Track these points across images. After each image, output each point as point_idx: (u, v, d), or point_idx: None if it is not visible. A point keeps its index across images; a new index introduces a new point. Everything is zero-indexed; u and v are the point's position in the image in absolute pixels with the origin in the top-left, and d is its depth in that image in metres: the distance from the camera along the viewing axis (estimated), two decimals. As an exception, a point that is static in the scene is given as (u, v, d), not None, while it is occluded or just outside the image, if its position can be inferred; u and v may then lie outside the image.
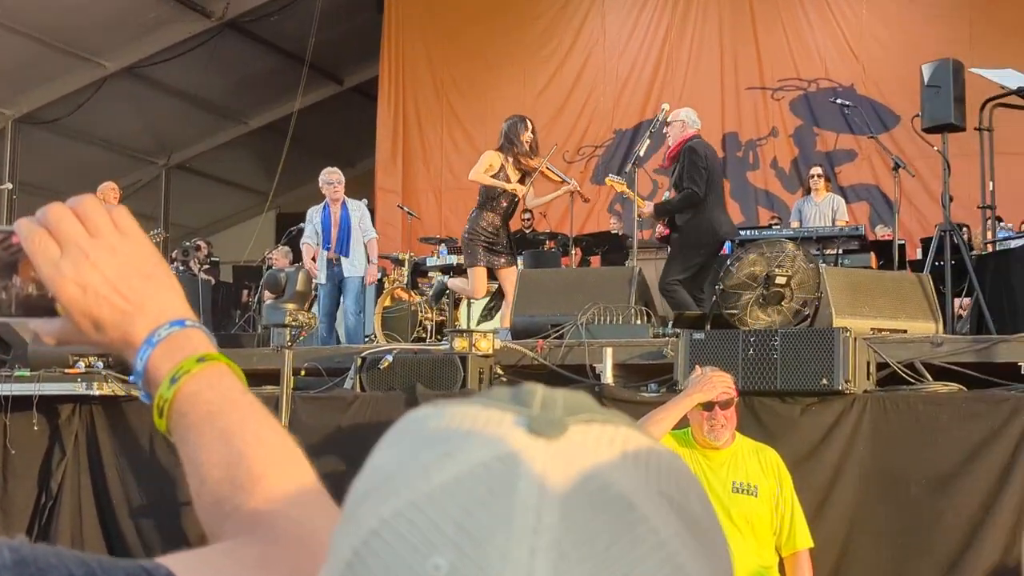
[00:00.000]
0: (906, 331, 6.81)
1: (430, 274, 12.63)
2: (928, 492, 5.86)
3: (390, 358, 7.17)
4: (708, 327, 7.14)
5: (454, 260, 11.82)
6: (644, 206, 9.36)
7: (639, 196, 9.32)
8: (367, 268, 11.17)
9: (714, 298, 7.35)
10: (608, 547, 0.54)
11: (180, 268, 13.95)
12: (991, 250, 8.82)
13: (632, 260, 9.78)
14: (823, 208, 12.46)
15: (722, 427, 4.64)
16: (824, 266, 7.47)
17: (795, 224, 12.39)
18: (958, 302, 8.56)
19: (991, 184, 8.52)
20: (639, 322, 7.55)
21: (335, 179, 10.83)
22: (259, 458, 1.01)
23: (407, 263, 12.18)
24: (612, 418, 0.62)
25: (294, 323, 6.14)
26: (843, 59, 16.47)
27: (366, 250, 11.03)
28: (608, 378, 6.71)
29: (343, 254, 10.66)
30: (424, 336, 10.82)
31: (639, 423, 0.63)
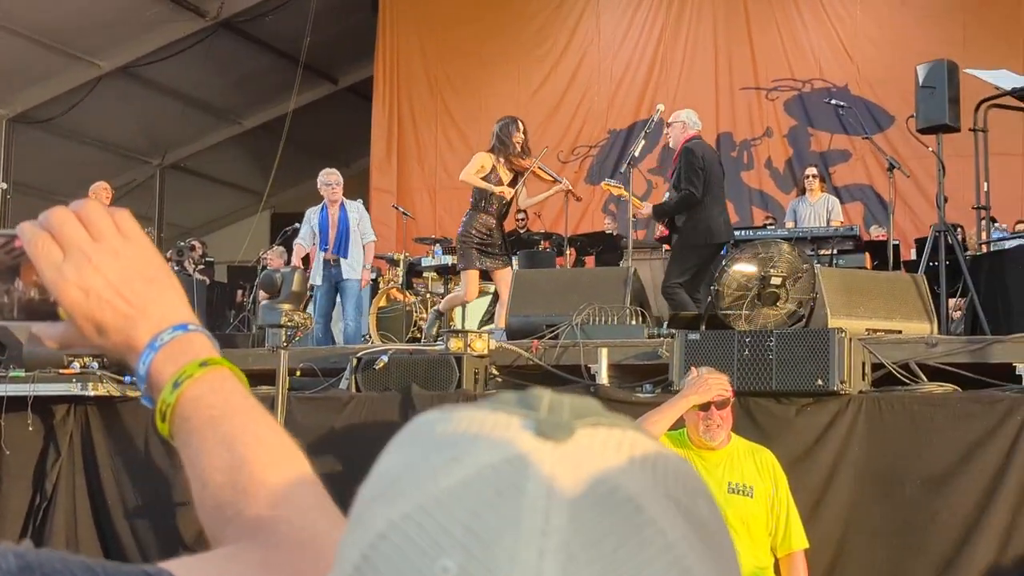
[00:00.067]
0: (901, 332, 6.82)
1: (425, 274, 12.62)
2: (923, 492, 5.86)
3: (385, 358, 7.17)
4: (703, 328, 7.15)
5: (449, 260, 11.79)
6: (642, 208, 9.38)
7: (635, 197, 9.33)
8: (364, 271, 11.18)
9: (709, 299, 7.36)
10: (616, 549, 0.55)
11: (175, 268, 13.93)
12: (985, 251, 8.84)
13: (627, 260, 9.78)
14: (818, 208, 12.47)
15: (718, 427, 4.65)
16: (819, 266, 7.47)
17: (790, 224, 12.38)
18: (952, 303, 8.57)
19: (985, 185, 8.53)
20: (634, 323, 7.56)
21: (333, 180, 10.81)
22: (261, 463, 1.01)
23: (402, 263, 12.18)
24: (619, 421, 0.62)
25: (290, 323, 6.12)
26: (837, 59, 16.50)
27: (365, 251, 11.01)
28: (603, 379, 6.71)
29: (342, 255, 10.63)
30: (419, 336, 10.82)
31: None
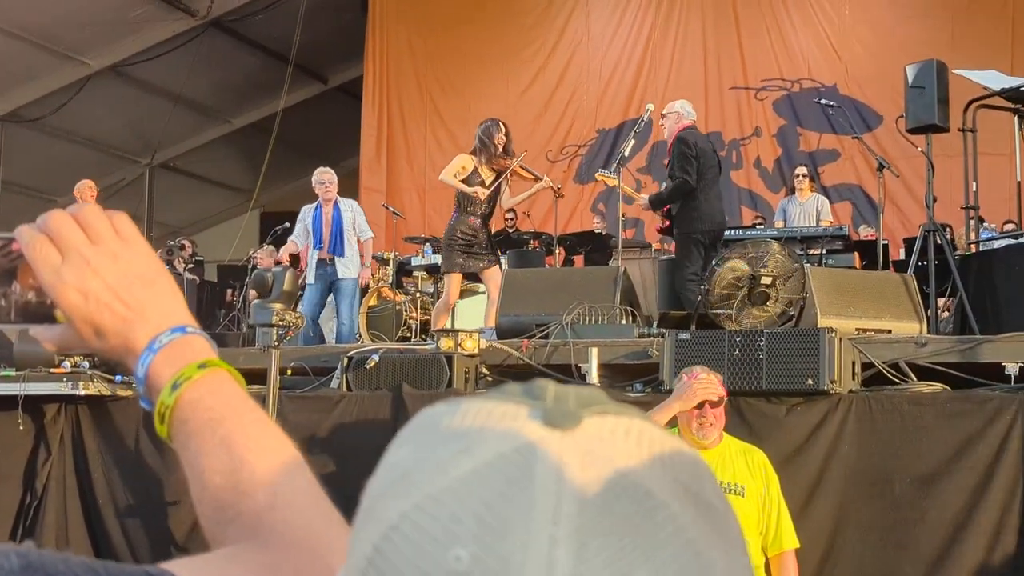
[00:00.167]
0: (891, 331, 6.83)
1: (415, 273, 12.62)
2: (913, 491, 5.89)
3: (376, 358, 7.17)
4: (693, 327, 7.15)
5: (439, 259, 11.80)
6: (639, 198, 9.41)
7: (629, 188, 9.35)
8: (363, 271, 11.19)
9: (699, 298, 7.37)
10: (628, 535, 0.55)
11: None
12: (974, 250, 8.86)
13: (616, 260, 9.79)
14: (807, 208, 12.49)
15: (711, 426, 4.67)
16: (809, 266, 7.49)
17: (779, 224, 12.41)
18: (942, 302, 8.60)
19: (974, 185, 8.56)
20: (624, 322, 7.57)
21: (327, 179, 10.78)
22: (260, 464, 1.02)
23: (392, 262, 12.17)
24: (625, 410, 0.63)
25: (281, 323, 6.12)
26: (826, 59, 16.53)
27: (360, 250, 10.99)
28: (593, 378, 6.71)
29: (337, 254, 10.60)
30: (409, 336, 10.82)
31: None
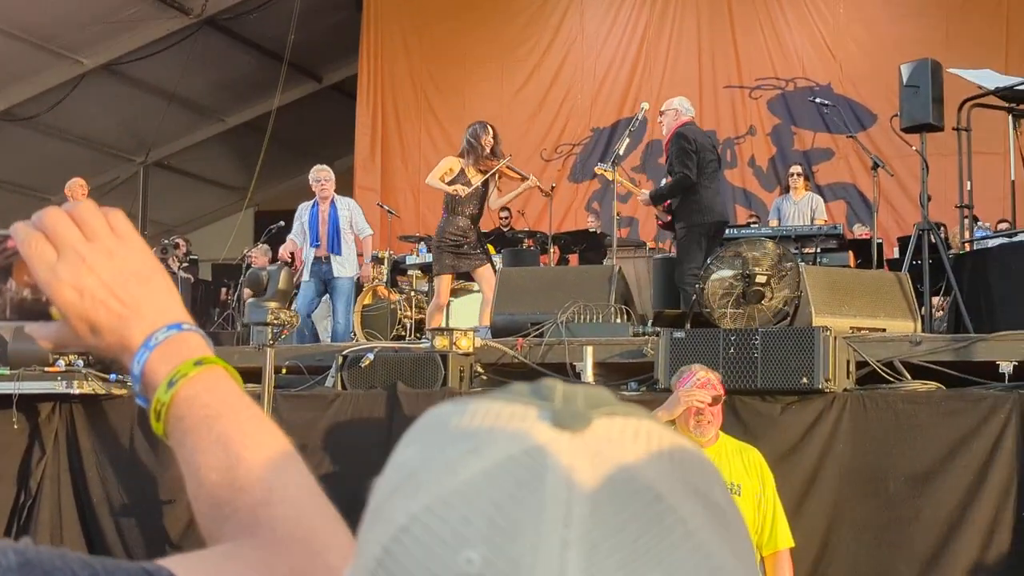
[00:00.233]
0: (885, 330, 6.84)
1: (409, 272, 12.61)
2: (907, 489, 5.89)
3: (371, 356, 7.17)
4: (688, 326, 7.16)
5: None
6: (639, 193, 9.42)
7: (630, 183, 9.36)
8: (364, 267, 11.19)
9: (694, 297, 7.37)
10: (638, 538, 0.55)
11: (158, 266, 13.86)
12: (968, 249, 8.86)
13: (611, 259, 9.79)
14: (802, 207, 12.49)
15: (708, 424, 4.68)
16: (804, 265, 7.49)
17: (774, 223, 12.41)
18: (936, 301, 8.61)
19: (969, 184, 8.56)
20: (619, 321, 7.57)
21: (323, 176, 10.74)
22: (257, 461, 1.01)
23: (386, 261, 12.17)
24: (634, 411, 0.63)
25: (276, 321, 6.12)
26: (820, 58, 16.54)
27: (359, 248, 10.98)
28: (588, 377, 6.71)
29: (335, 252, 10.58)
30: (403, 334, 10.81)
31: None
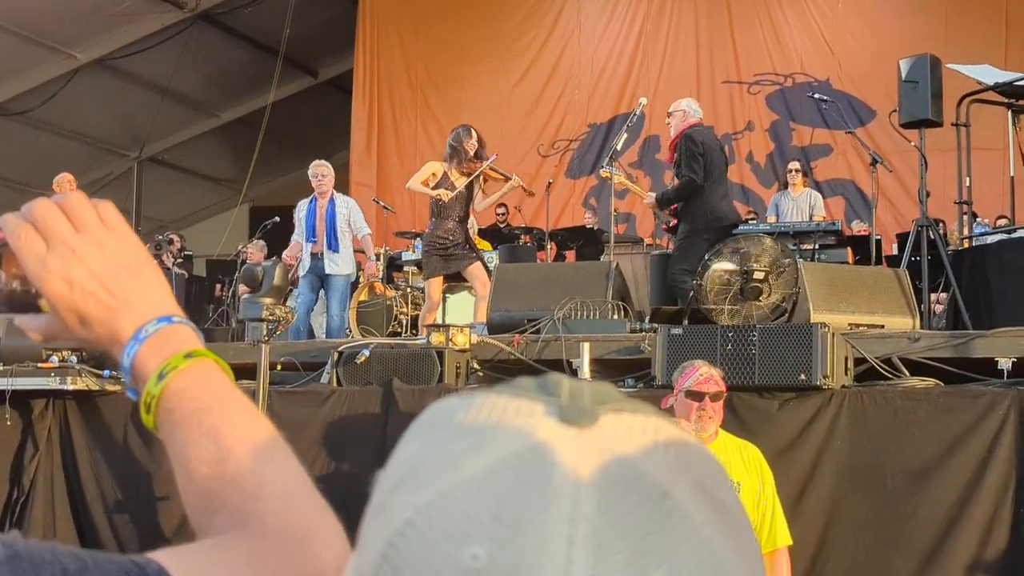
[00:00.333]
0: (883, 326, 6.83)
1: (405, 268, 12.60)
2: (905, 486, 5.89)
3: (367, 353, 7.15)
4: (686, 322, 7.14)
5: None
6: (646, 197, 9.40)
7: (636, 186, 9.33)
8: (368, 263, 11.22)
9: (691, 293, 7.35)
10: (645, 535, 0.55)
11: (153, 262, 13.82)
12: (967, 246, 8.86)
13: (608, 255, 9.78)
14: (800, 203, 12.49)
15: (710, 419, 4.67)
16: (802, 261, 7.48)
17: (772, 219, 12.42)
18: (934, 297, 8.59)
19: (967, 180, 8.55)
20: (616, 317, 7.55)
21: (321, 171, 10.70)
22: (247, 454, 1.01)
23: (382, 257, 12.16)
24: (641, 407, 0.62)
25: (271, 317, 6.09)
26: (819, 53, 16.53)
27: (360, 246, 10.96)
28: (585, 373, 6.70)
29: (332, 249, 10.54)
30: (400, 331, 10.80)
31: None
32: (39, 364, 7.59)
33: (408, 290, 11.44)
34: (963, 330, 6.89)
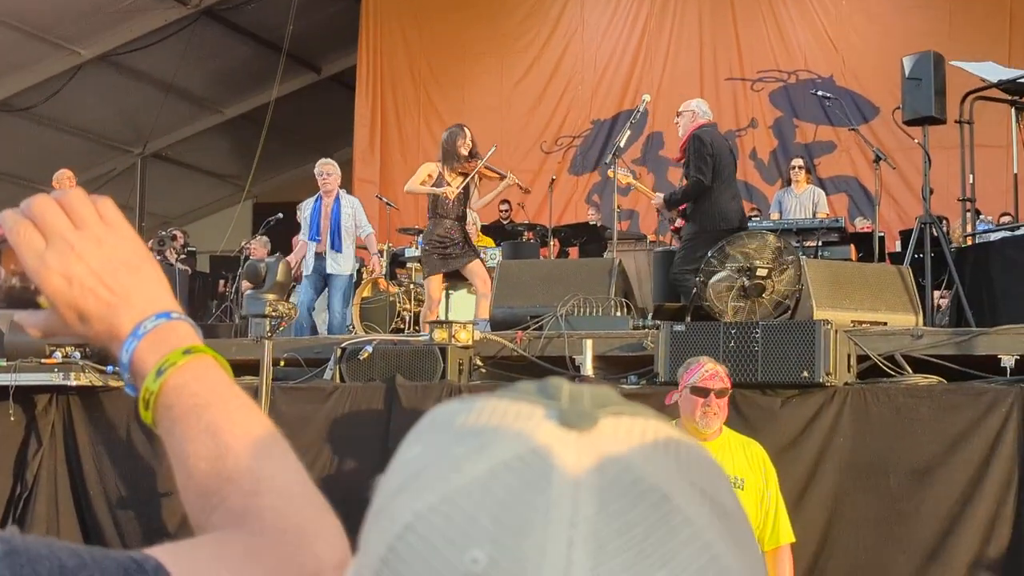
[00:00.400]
0: (886, 323, 6.83)
1: (408, 265, 12.59)
2: (908, 483, 5.88)
3: (370, 349, 7.15)
4: (689, 319, 7.14)
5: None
6: (654, 197, 9.38)
7: (644, 187, 9.32)
8: (371, 259, 11.22)
9: (695, 290, 7.35)
10: (645, 538, 0.55)
11: (156, 258, 13.82)
12: (970, 243, 8.84)
13: (611, 252, 9.77)
14: (803, 200, 12.47)
15: (714, 415, 4.68)
16: (805, 258, 7.47)
17: (775, 216, 12.40)
18: (937, 294, 8.58)
19: (971, 177, 8.54)
20: (619, 314, 7.55)
21: (327, 170, 10.65)
22: (246, 451, 1.02)
23: (385, 254, 12.16)
24: (640, 410, 0.63)
25: (274, 313, 6.08)
26: (822, 50, 16.51)
27: (365, 244, 10.94)
28: (588, 370, 6.70)
29: (335, 249, 10.51)
30: (402, 327, 10.79)
31: None
32: (43, 360, 7.59)
33: (411, 286, 11.44)
34: (966, 327, 6.89)
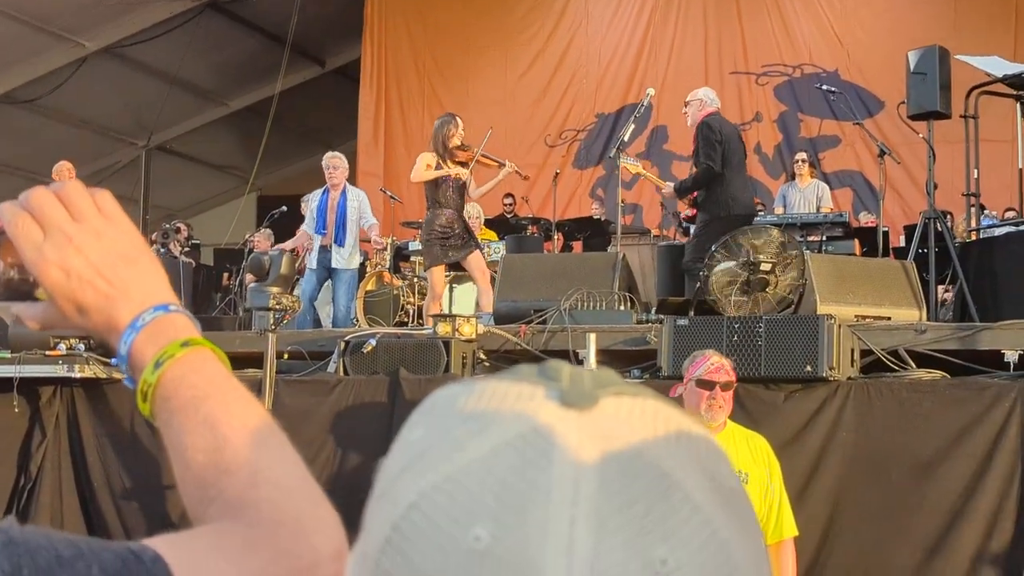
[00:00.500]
0: (890, 318, 6.82)
1: (412, 258, 12.59)
2: (911, 478, 5.89)
3: (373, 342, 7.15)
4: (692, 313, 7.13)
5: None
6: (665, 187, 9.37)
7: (654, 177, 9.30)
8: (374, 241, 11.17)
9: (698, 284, 7.34)
10: (646, 515, 0.56)
11: (160, 250, 13.82)
12: (975, 238, 8.84)
13: (615, 246, 9.76)
14: (807, 194, 12.46)
15: (719, 408, 4.68)
16: (809, 253, 7.46)
17: (779, 210, 12.38)
18: (941, 289, 8.57)
19: (976, 172, 8.52)
20: (622, 308, 7.55)
21: (334, 163, 10.59)
22: (243, 443, 1.02)
23: (389, 247, 12.15)
24: (641, 391, 0.63)
25: (278, 306, 6.10)
26: (827, 44, 16.47)
27: (368, 235, 10.92)
28: (591, 364, 6.68)
29: (339, 243, 10.49)
30: (406, 320, 10.80)
31: None
32: (47, 352, 7.61)
33: (415, 280, 11.45)
34: (970, 322, 6.89)
